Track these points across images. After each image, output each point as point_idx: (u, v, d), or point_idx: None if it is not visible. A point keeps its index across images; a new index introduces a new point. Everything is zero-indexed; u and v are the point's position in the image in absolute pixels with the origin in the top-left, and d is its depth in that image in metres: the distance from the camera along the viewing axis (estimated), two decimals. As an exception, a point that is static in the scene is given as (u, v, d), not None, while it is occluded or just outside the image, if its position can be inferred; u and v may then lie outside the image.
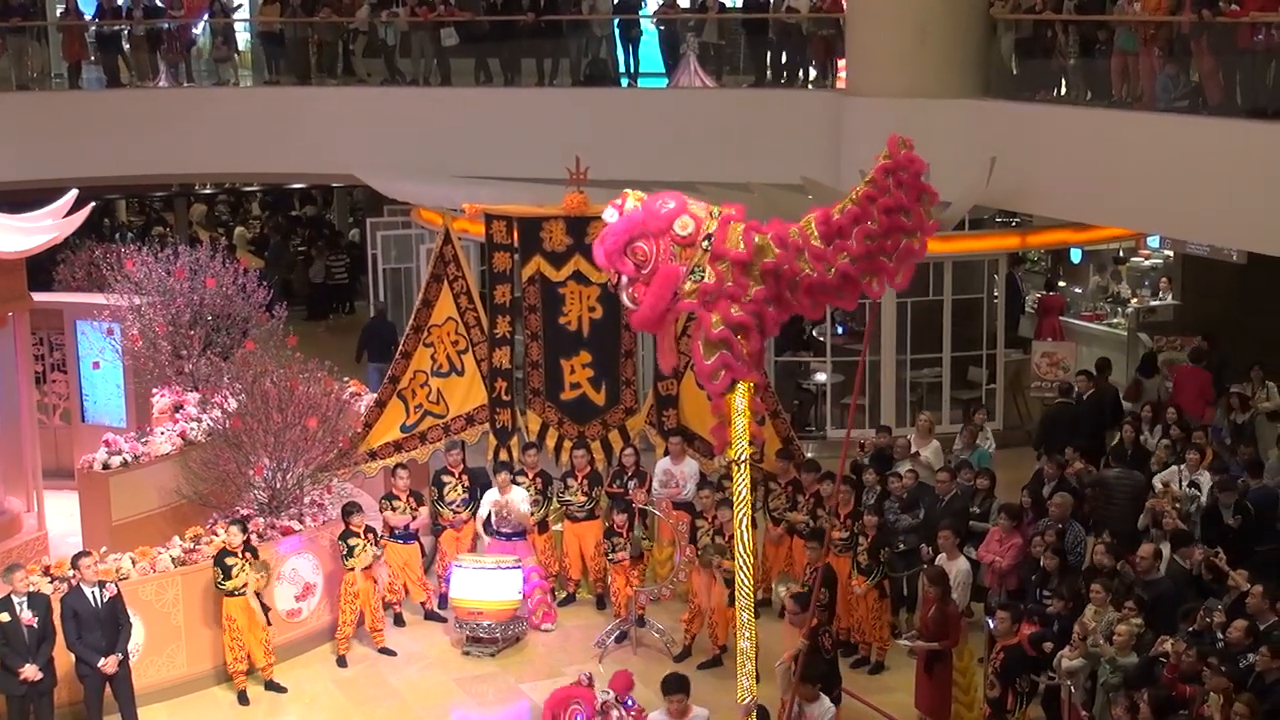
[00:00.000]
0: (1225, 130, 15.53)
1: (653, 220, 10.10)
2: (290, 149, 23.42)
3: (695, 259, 10.10)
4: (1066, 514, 13.96)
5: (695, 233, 10.09)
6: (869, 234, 10.08)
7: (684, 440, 15.81)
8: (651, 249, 10.08)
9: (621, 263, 10.14)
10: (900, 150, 10.13)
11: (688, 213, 10.12)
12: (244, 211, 37.68)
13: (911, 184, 10.14)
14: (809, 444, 19.03)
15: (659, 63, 23.86)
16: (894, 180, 10.10)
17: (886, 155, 10.15)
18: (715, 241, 10.09)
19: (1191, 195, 15.77)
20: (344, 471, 15.96)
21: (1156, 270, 24.09)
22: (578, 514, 15.66)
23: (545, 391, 16.19)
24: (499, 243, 16.11)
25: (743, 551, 10.46)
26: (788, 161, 20.38)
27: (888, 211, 10.07)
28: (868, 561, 14.01)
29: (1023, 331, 22.92)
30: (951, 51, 19.49)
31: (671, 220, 10.10)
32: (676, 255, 10.11)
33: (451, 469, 15.78)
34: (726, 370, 10.11)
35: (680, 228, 10.08)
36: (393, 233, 25.37)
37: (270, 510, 14.83)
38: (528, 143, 21.87)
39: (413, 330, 16.30)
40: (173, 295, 16.63)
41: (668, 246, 10.10)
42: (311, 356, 15.92)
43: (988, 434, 16.80)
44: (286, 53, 24.56)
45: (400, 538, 15.24)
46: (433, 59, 23.66)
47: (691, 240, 10.10)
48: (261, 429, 14.68)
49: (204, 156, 23.59)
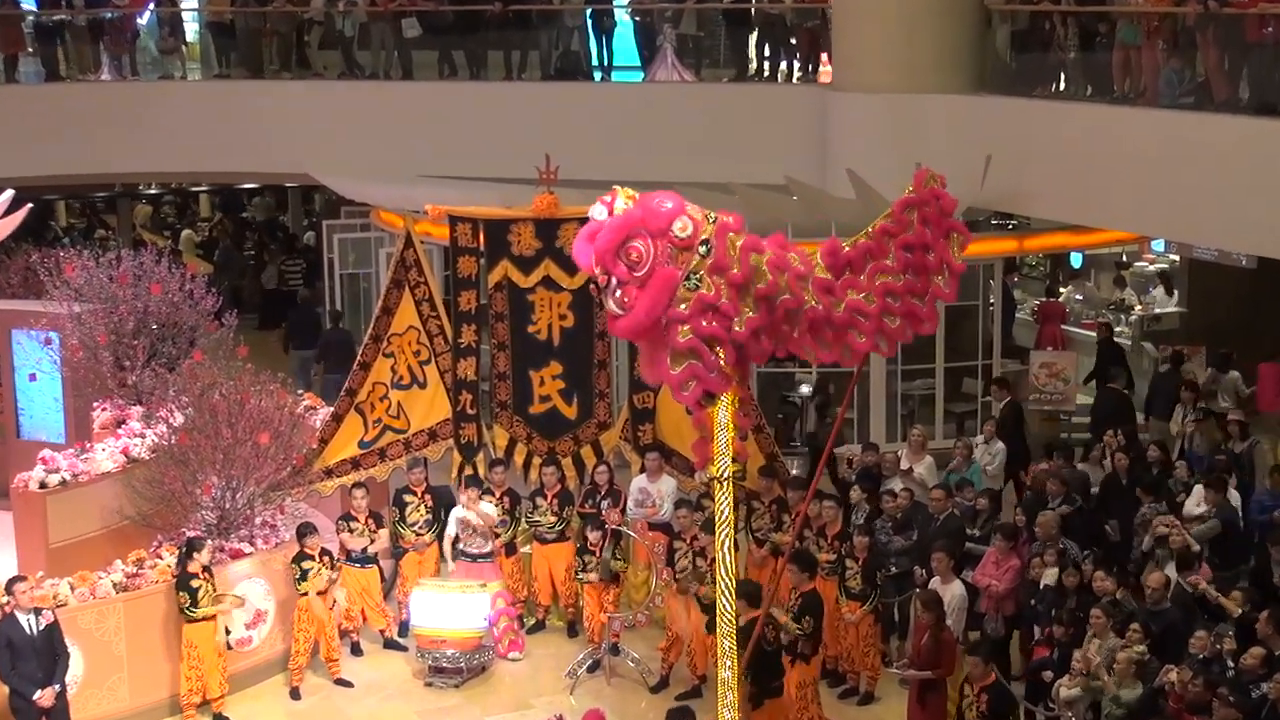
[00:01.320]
0: (1233, 127, 15.57)
1: (651, 219, 10.03)
2: (241, 147, 23.32)
3: (692, 264, 10.05)
4: (1052, 532, 13.98)
5: (694, 235, 10.04)
6: (883, 270, 10.07)
7: (661, 456, 15.79)
8: (647, 250, 10.00)
9: (613, 263, 10.06)
10: (928, 185, 10.14)
11: (686, 213, 10.07)
12: (191, 213, 37.54)
13: (937, 220, 10.15)
14: (794, 460, 19.01)
15: (634, 55, 23.85)
16: (918, 215, 10.11)
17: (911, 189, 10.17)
18: (716, 252, 10.02)
19: (1198, 196, 15.82)
20: (298, 491, 15.89)
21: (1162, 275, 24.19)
22: (547, 535, 15.62)
23: (513, 405, 16.16)
24: (464, 246, 16.09)
25: (724, 575, 10.45)
26: (771, 161, 20.39)
27: (907, 248, 10.06)
28: (861, 586, 13.99)
29: (1018, 340, 22.99)
30: (944, 44, 19.54)
31: (671, 220, 10.03)
32: (673, 258, 10.06)
33: (413, 488, 15.73)
34: (697, 382, 10.07)
35: (679, 229, 10.03)
36: (350, 236, 25.29)
37: (219, 532, 14.75)
38: (494, 140, 21.85)
39: (371, 340, 16.27)
40: (115, 302, 16.55)
41: (665, 248, 10.02)
42: (263, 368, 15.87)
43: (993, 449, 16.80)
44: (237, 44, 24.48)
45: (358, 561, 15.19)
46: (393, 51, 23.60)
47: (690, 244, 10.05)
48: (210, 445, 14.61)
49: (149, 155, 23.50)
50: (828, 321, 10.14)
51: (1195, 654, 11.71)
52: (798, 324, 10.15)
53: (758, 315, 10.09)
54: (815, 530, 14.58)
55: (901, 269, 10.16)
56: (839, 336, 10.28)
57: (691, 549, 14.54)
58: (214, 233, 34.83)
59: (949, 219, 10.36)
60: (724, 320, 10.02)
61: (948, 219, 10.33)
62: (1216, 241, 18.19)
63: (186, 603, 13.62)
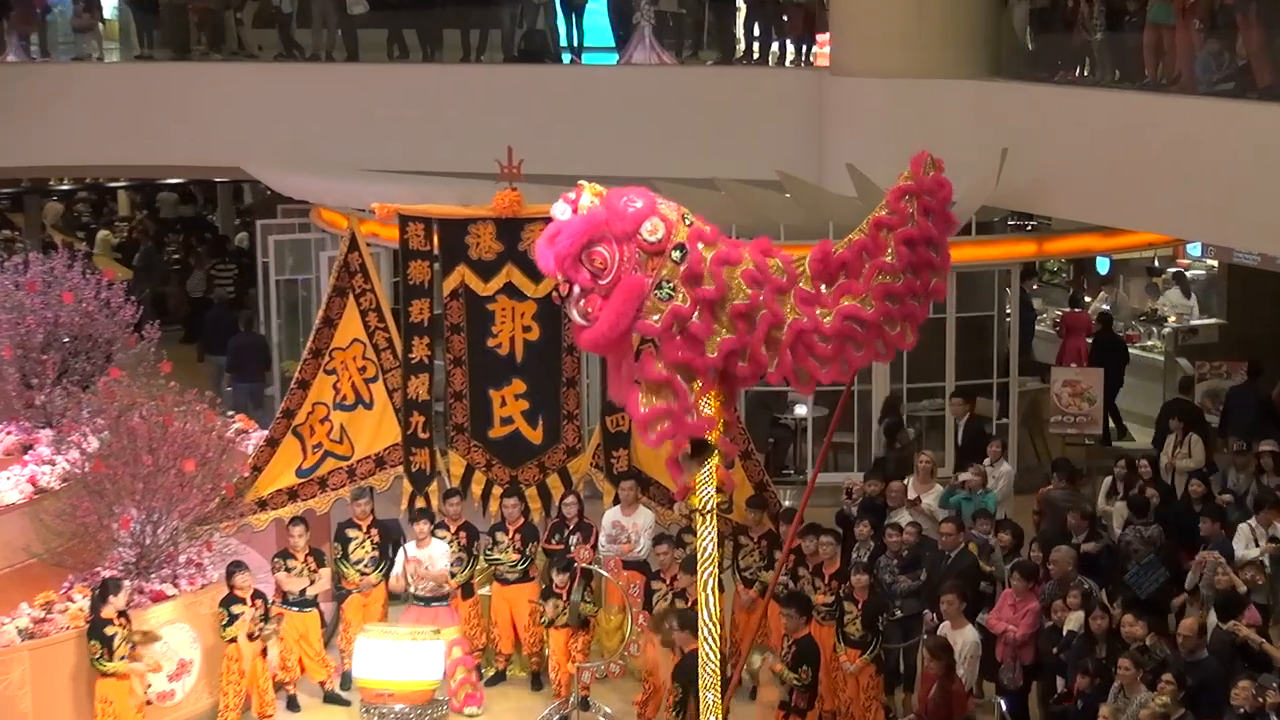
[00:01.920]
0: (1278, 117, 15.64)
1: (616, 220, 10.00)
2: (165, 137, 23.34)
3: (664, 271, 10.04)
4: (1067, 570, 14.02)
5: (665, 239, 10.02)
6: (883, 269, 10.06)
7: (637, 486, 15.81)
8: (613, 255, 9.99)
9: (575, 270, 10.05)
10: (927, 171, 10.14)
11: (657, 214, 10.05)
12: (108, 212, 37.52)
13: (940, 212, 10.17)
14: (787, 490, 19.04)
15: (608, 35, 23.93)
16: (919, 206, 10.12)
17: (907, 175, 10.17)
18: (691, 258, 10.02)
19: (1239, 194, 15.87)
20: (227, 525, 15.86)
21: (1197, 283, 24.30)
22: (509, 575, 15.61)
23: (471, 428, 16.16)
24: (415, 249, 16.09)
25: (708, 619, 10.44)
26: (761, 153, 20.44)
27: (907, 243, 10.06)
28: (861, 632, 14.00)
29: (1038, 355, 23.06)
30: (955, 23, 19.64)
31: (639, 222, 10.00)
32: (642, 264, 10.05)
33: (358, 521, 15.71)
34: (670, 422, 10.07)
35: (649, 232, 10.00)
36: (288, 237, 25.22)
37: (138, 572, 14.71)
38: (450, 130, 21.89)
39: (311, 354, 16.25)
40: (22, 312, 16.55)
41: (633, 253, 10.02)
42: (189, 386, 15.83)
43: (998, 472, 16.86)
44: (161, 22, 24.54)
45: (296, 604, 15.14)
46: (336, 30, 23.65)
47: (661, 248, 10.03)
48: (128, 474, 14.58)
49: (61, 146, 23.51)
50: (817, 333, 10.13)
51: (1237, 707, 11.72)
52: (777, 346, 10.12)
53: (734, 336, 10.08)
54: (811, 569, 14.59)
55: (902, 267, 10.17)
56: (836, 350, 10.26)
57: (671, 590, 14.55)
58: (133, 234, 34.80)
59: (949, 211, 10.39)
60: (696, 345, 10.01)
61: (948, 211, 10.36)
62: (1260, 245, 18.25)
63: (99, 653, 13.55)
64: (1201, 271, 24.70)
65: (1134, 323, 23.88)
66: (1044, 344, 23.52)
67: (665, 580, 14.66)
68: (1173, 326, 23.09)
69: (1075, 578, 13.93)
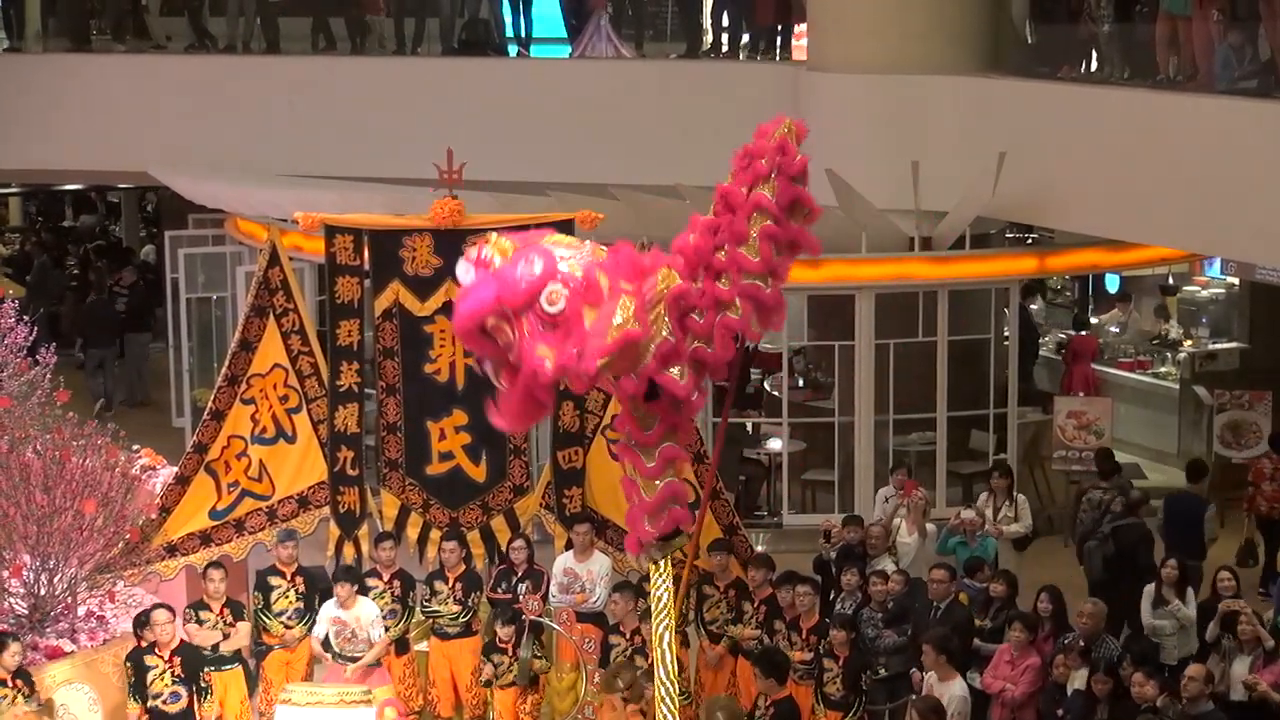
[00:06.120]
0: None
1: (508, 295, 9.91)
2: (61, 138, 23.31)
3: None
4: (1100, 626, 14.07)
5: (568, 308, 9.94)
6: (737, 237, 10.19)
7: (592, 529, 15.80)
8: (513, 329, 9.97)
9: (480, 346, 10.13)
10: (781, 135, 10.27)
11: (558, 279, 9.93)
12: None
13: (783, 184, 10.27)
14: (759, 534, 19.09)
15: (559, 25, 23.99)
16: (769, 163, 10.25)
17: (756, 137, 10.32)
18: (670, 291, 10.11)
19: (1262, 204, 15.95)
20: (132, 573, 15.84)
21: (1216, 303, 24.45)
22: (449, 629, 15.60)
23: (406, 464, 16.17)
24: (344, 264, 16.10)
25: (664, 678, 10.46)
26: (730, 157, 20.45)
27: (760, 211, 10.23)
28: (842, 692, 14.05)
29: (1040, 384, 23.16)
30: (947, 13, 19.73)
31: (534, 294, 9.91)
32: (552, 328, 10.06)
33: (281, 568, 15.67)
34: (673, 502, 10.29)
35: (548, 301, 9.95)
36: (200, 250, 25.24)
37: (32, 625, 14.67)
38: (382, 131, 21.91)
39: (226, 382, 16.23)
40: (-100, 334, 16.49)
41: (534, 323, 9.99)
42: (89, 417, 15.80)
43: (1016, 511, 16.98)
44: (57, 8, 24.46)
45: (212, 663, 15.10)
46: (255, 18, 23.66)
47: (561, 319, 9.99)
48: (20, 515, 14.54)
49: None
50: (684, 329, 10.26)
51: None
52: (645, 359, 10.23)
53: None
54: (787, 622, 14.62)
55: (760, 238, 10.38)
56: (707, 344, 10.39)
57: (631, 644, 14.56)
58: (26, 246, 34.71)
59: (796, 186, 10.46)
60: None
61: (794, 185, 10.43)
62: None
63: None
64: (1221, 290, 24.85)
65: (1142, 346, 23.96)
66: (1045, 370, 23.64)
67: (625, 634, 14.68)
68: (1188, 351, 23.17)
69: (1103, 636, 13.98)
